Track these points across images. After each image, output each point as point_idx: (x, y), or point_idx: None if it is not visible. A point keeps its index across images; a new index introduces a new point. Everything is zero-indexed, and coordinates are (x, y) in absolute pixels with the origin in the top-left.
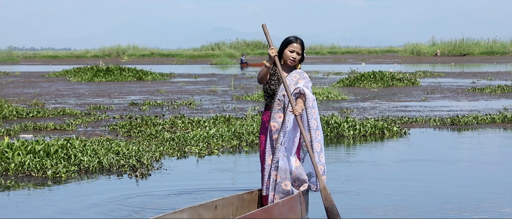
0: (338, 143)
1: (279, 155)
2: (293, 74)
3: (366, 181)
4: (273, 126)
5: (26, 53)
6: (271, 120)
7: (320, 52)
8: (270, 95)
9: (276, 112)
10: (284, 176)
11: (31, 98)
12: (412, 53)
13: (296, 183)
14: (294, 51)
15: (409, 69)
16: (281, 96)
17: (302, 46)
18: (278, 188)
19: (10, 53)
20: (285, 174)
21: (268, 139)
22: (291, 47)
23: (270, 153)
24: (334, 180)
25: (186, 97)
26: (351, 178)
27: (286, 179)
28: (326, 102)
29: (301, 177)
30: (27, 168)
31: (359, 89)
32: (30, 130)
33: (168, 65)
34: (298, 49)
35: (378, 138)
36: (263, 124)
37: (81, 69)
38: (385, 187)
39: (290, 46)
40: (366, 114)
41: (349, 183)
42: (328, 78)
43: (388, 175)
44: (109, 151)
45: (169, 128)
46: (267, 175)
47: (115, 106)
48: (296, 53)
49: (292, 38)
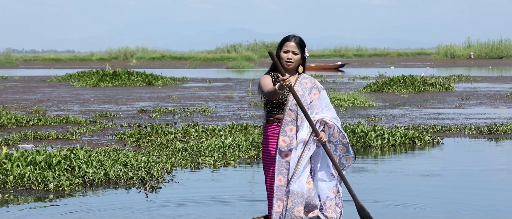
0: (365, 153)
1: (295, 179)
2: (304, 80)
3: (396, 193)
4: (283, 141)
5: (25, 55)
6: (281, 134)
7: (345, 55)
8: (277, 105)
9: (286, 124)
10: (297, 201)
11: (32, 105)
12: (445, 56)
13: (305, 208)
14: (289, 51)
15: (442, 73)
16: (293, 105)
17: (300, 44)
18: (288, 215)
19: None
20: (298, 199)
21: (278, 156)
22: (285, 47)
23: (279, 172)
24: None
25: (200, 104)
26: (380, 190)
27: (299, 205)
28: (352, 109)
29: (313, 202)
30: (27, 181)
31: (388, 95)
32: (30, 139)
33: (180, 69)
34: (293, 48)
35: (408, 148)
36: (267, 141)
37: (86, 73)
38: (418, 200)
39: (285, 45)
40: (396, 122)
41: (377, 194)
42: (354, 83)
43: (421, 188)
44: (116, 162)
45: (182, 138)
46: (276, 198)
47: (122, 114)
48: (291, 53)
49: (287, 36)
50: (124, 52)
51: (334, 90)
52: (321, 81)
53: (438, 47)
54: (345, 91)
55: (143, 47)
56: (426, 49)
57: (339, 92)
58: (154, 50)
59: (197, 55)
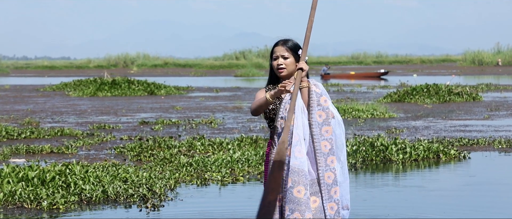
0: (385, 169)
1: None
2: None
3: (417, 212)
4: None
5: (17, 63)
6: (274, 147)
7: (363, 62)
8: (272, 118)
9: (279, 135)
10: (298, 179)
11: (23, 116)
12: (472, 63)
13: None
14: (278, 56)
15: (469, 81)
16: (284, 113)
17: (290, 46)
18: (288, 196)
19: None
20: (299, 177)
21: None
22: (274, 54)
23: None
24: (379, 209)
25: (206, 115)
26: (401, 208)
27: (299, 184)
28: (371, 121)
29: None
30: (18, 199)
31: (410, 105)
32: (22, 153)
33: (184, 77)
34: (282, 52)
35: (432, 163)
36: (266, 158)
37: (83, 82)
38: None
39: (273, 52)
40: (418, 134)
41: (397, 210)
42: (373, 92)
43: (445, 206)
44: (115, 178)
45: (186, 151)
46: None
47: (122, 126)
48: (281, 58)
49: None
50: (124, 58)
51: (351, 100)
52: (338, 90)
53: (464, 53)
54: (364, 101)
55: (144, 54)
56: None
57: (357, 102)
58: (157, 57)
59: (203, 62)
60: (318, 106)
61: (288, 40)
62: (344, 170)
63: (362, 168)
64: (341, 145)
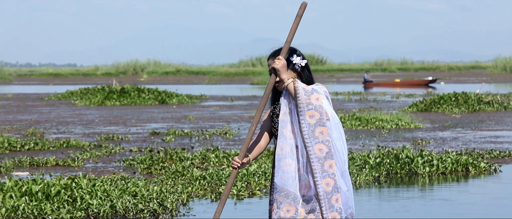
0: (411, 183)
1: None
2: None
3: None
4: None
5: (20, 70)
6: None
7: (388, 69)
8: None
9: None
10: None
11: (27, 127)
12: (504, 70)
13: None
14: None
15: (500, 89)
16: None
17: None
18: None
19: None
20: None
21: None
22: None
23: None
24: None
25: (221, 125)
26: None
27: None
28: (396, 132)
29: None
30: (21, 214)
31: (437, 115)
32: (25, 166)
33: (198, 85)
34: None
35: (461, 176)
36: None
37: (90, 90)
38: None
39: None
40: (446, 146)
41: None
42: (398, 101)
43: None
44: (125, 192)
45: (200, 164)
46: None
47: (132, 137)
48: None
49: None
50: (133, 65)
51: (374, 109)
52: (360, 98)
53: (495, 60)
54: (388, 110)
55: (155, 60)
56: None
57: (380, 111)
58: (168, 64)
59: (217, 69)
60: (309, 105)
61: (279, 50)
62: (345, 179)
63: (386, 182)
64: (340, 151)
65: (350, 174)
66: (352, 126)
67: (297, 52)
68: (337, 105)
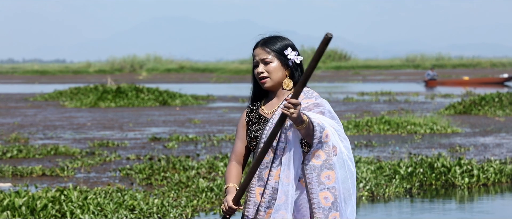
0: (447, 195)
1: None
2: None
3: None
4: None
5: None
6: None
7: (421, 65)
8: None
9: (262, 169)
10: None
11: (9, 131)
12: None
13: None
14: (258, 63)
15: None
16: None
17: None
18: None
19: None
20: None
21: None
22: (254, 60)
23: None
24: None
25: (230, 130)
26: None
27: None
28: (430, 137)
29: None
30: None
31: (478, 118)
32: (7, 176)
33: (204, 84)
34: (261, 55)
35: (505, 188)
36: None
37: (81, 90)
38: None
39: (253, 58)
40: (488, 154)
41: None
42: (433, 102)
43: None
44: (121, 206)
45: (206, 174)
46: None
47: (129, 143)
48: (261, 64)
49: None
50: (130, 62)
51: (406, 111)
52: (389, 99)
53: None
54: (421, 113)
55: (155, 56)
56: None
57: (412, 114)
58: (170, 60)
59: (226, 66)
60: (318, 143)
61: (270, 38)
62: None
63: (419, 195)
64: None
65: (377, 185)
66: (380, 131)
67: (292, 45)
68: (363, 106)
